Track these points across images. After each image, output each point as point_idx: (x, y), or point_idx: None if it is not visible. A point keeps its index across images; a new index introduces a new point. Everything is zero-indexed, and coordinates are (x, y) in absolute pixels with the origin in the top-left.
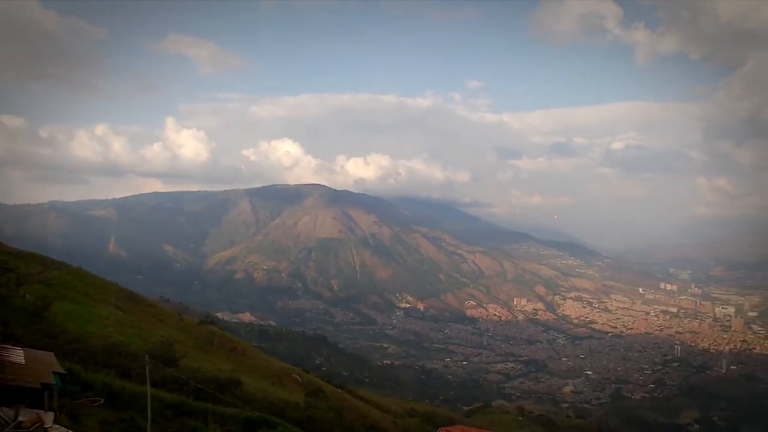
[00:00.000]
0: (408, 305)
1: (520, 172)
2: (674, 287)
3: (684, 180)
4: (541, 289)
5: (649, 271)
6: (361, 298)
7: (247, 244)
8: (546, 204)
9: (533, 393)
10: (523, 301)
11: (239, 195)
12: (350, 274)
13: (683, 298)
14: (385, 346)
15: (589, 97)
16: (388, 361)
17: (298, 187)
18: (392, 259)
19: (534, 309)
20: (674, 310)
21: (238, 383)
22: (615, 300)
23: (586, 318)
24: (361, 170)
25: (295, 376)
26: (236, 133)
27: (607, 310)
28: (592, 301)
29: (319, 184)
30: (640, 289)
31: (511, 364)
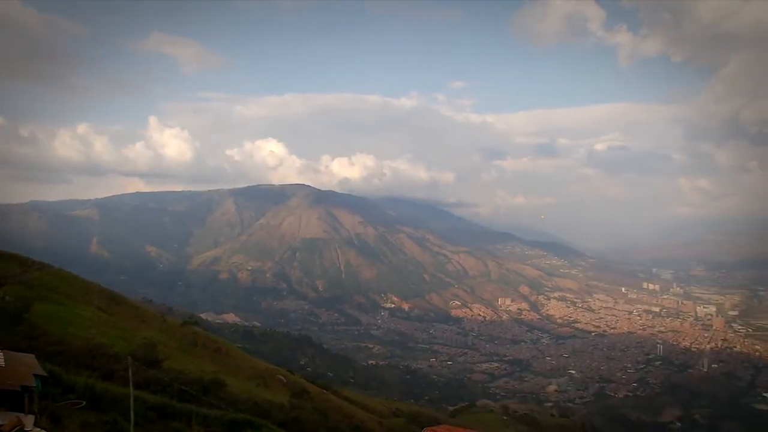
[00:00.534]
0: (393, 305)
1: (504, 173)
2: (656, 287)
3: (666, 180)
4: (525, 289)
5: (631, 271)
6: (346, 299)
7: (231, 245)
8: (530, 204)
9: (518, 392)
10: (508, 301)
11: (223, 195)
12: (335, 275)
13: (665, 297)
14: (370, 346)
15: (573, 98)
16: (373, 362)
17: (283, 187)
18: (377, 260)
19: (518, 309)
20: (656, 309)
21: (222, 384)
22: (598, 300)
23: (570, 317)
24: (346, 170)
25: (280, 377)
26: (220, 132)
27: (591, 310)
28: (576, 300)
29: (303, 184)
30: (623, 289)
31: (496, 364)
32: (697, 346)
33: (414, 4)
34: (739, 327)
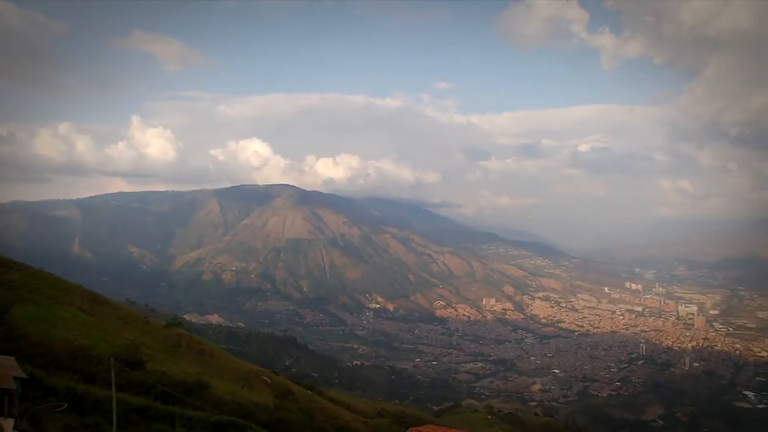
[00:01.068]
0: (378, 306)
1: (488, 173)
2: (639, 287)
3: (648, 181)
4: (509, 289)
5: (614, 270)
6: (331, 299)
7: (215, 245)
8: (514, 205)
9: (502, 392)
10: (492, 301)
11: (207, 195)
12: (320, 275)
13: (648, 297)
14: (355, 346)
15: (556, 99)
16: (358, 362)
17: (267, 188)
18: (362, 260)
19: (503, 309)
20: (639, 308)
21: (206, 386)
22: (582, 299)
23: (554, 317)
24: (331, 170)
25: (265, 378)
26: (204, 132)
27: (575, 310)
28: (560, 300)
29: (288, 185)
30: (606, 289)
31: (481, 364)
32: (679, 345)
33: (399, 4)
34: (720, 326)
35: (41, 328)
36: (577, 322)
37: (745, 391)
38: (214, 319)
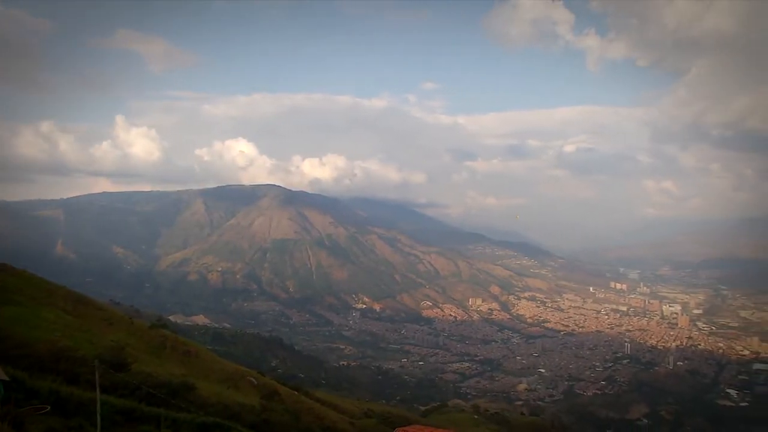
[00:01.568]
0: (364, 306)
1: (475, 174)
2: (624, 286)
3: (632, 182)
4: (495, 289)
5: (599, 270)
6: (317, 299)
7: (201, 246)
8: (501, 205)
9: (488, 391)
10: (479, 301)
11: (193, 195)
12: (306, 275)
13: (632, 296)
14: (342, 347)
15: (542, 100)
16: (345, 362)
17: (253, 188)
18: (348, 260)
19: (489, 309)
20: (624, 308)
21: (191, 387)
22: (567, 299)
23: (540, 317)
24: (317, 171)
25: (251, 379)
26: (189, 132)
27: (560, 309)
28: (546, 300)
29: (274, 185)
30: (591, 289)
31: (467, 364)
32: (663, 345)
33: (385, 5)
34: (703, 325)
35: (24, 330)
36: (563, 322)
37: (728, 390)
38: (200, 319)
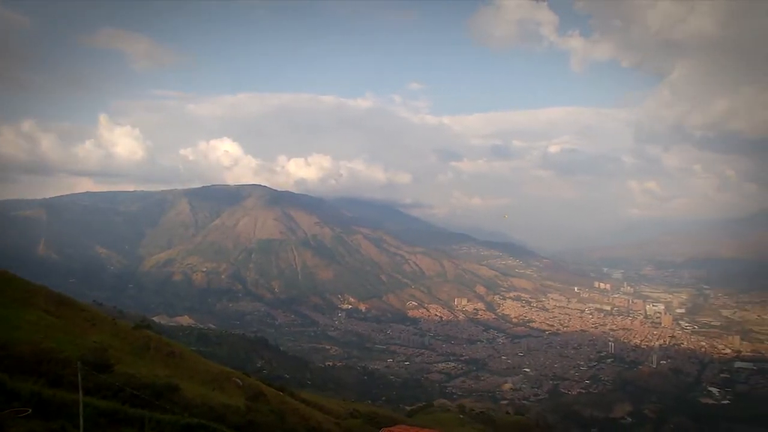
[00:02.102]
0: (350, 306)
1: (460, 174)
2: (608, 286)
3: (616, 182)
4: (481, 289)
5: (584, 270)
6: (303, 300)
7: (185, 246)
8: (486, 205)
9: (474, 391)
10: (464, 301)
11: (177, 195)
12: (291, 276)
13: (616, 296)
14: (327, 347)
15: (526, 101)
16: (330, 363)
17: (238, 188)
18: (334, 260)
19: (474, 309)
20: (608, 308)
21: (175, 389)
22: (552, 299)
23: (525, 317)
24: (302, 171)
25: (236, 380)
26: (173, 131)
27: (545, 309)
28: (531, 300)
29: (259, 185)
30: (576, 289)
31: (453, 364)
32: (647, 344)
33: (371, 5)
34: (686, 324)
35: (4, 331)
36: (548, 322)
37: (710, 388)
38: (185, 320)
